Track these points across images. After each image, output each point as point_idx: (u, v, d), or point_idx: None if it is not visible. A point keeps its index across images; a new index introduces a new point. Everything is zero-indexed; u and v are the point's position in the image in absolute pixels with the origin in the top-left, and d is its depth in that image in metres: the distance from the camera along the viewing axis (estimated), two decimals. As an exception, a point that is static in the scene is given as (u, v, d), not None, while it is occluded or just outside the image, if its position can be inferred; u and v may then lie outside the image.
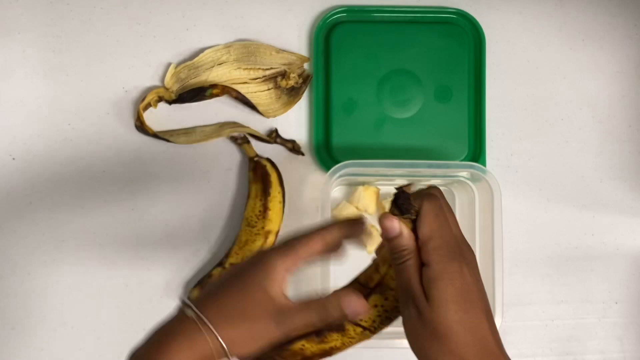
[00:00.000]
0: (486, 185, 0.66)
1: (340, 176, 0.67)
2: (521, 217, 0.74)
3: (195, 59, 0.70)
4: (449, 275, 0.42)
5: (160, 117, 0.71)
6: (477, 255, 0.68)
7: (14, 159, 0.70)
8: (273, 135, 0.71)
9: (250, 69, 0.71)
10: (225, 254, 0.70)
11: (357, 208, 0.71)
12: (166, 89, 0.70)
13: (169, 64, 0.70)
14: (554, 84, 0.75)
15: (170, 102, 0.70)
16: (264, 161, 0.70)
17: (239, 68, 0.70)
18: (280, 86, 0.71)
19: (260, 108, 0.71)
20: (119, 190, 0.71)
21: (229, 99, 0.72)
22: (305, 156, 0.73)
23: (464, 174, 0.68)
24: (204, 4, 0.72)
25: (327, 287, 0.65)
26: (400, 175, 0.69)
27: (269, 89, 0.71)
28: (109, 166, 0.71)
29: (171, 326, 0.44)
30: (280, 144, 0.72)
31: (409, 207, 0.44)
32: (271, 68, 0.71)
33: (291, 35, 0.73)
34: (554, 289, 0.74)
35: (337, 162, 0.67)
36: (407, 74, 0.73)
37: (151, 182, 0.71)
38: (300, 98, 0.73)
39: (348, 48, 0.72)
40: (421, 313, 0.42)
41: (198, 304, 0.44)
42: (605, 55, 0.76)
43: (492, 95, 0.74)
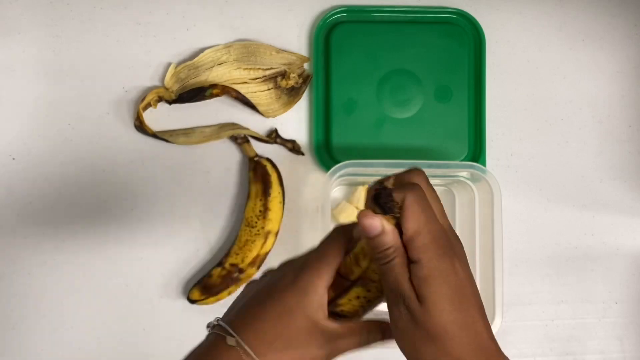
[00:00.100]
0: (486, 185, 0.66)
1: (340, 176, 0.67)
2: (521, 217, 0.74)
3: (195, 59, 0.70)
4: (441, 273, 0.39)
5: (160, 117, 0.71)
6: (477, 255, 0.68)
7: (14, 159, 0.70)
8: (273, 135, 0.71)
9: (250, 69, 0.71)
10: (225, 254, 0.70)
11: (357, 208, 0.71)
12: (166, 89, 0.70)
13: (169, 64, 0.70)
14: (554, 84, 0.75)
15: (170, 102, 0.70)
16: (264, 161, 0.70)
17: (239, 68, 0.70)
18: (280, 86, 0.71)
19: (260, 108, 0.71)
20: (119, 190, 0.71)
21: (229, 99, 0.72)
22: (305, 156, 0.73)
23: (464, 174, 0.68)
24: (204, 4, 0.72)
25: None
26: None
27: (269, 89, 0.71)
28: (109, 166, 0.71)
29: (208, 353, 0.42)
30: (280, 144, 0.72)
31: (392, 206, 0.40)
32: (271, 68, 0.71)
33: (291, 35, 0.73)
34: (554, 289, 0.74)
35: (337, 162, 0.67)
36: (407, 74, 0.73)
37: (151, 182, 0.71)
38: (300, 98, 0.73)
39: (348, 48, 0.72)
40: (413, 314, 0.40)
41: (235, 328, 0.42)
42: (605, 55, 0.76)
43: (492, 95, 0.74)
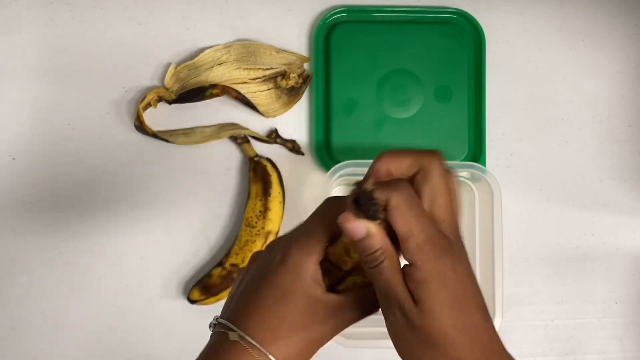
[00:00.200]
0: (486, 185, 0.66)
1: (340, 176, 0.67)
2: (521, 217, 0.74)
3: (195, 59, 0.70)
4: (438, 275, 0.36)
5: (160, 117, 0.71)
6: (477, 255, 0.68)
7: (14, 159, 0.70)
8: (273, 136, 0.71)
9: (250, 69, 0.71)
10: (225, 254, 0.70)
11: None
12: (166, 89, 0.70)
13: (169, 64, 0.70)
14: (554, 84, 0.75)
15: (170, 102, 0.70)
16: (264, 161, 0.70)
17: (239, 68, 0.70)
18: (280, 86, 0.71)
19: (260, 108, 0.71)
20: (119, 190, 0.71)
21: (229, 99, 0.72)
22: (305, 156, 0.73)
23: (464, 174, 0.68)
24: (204, 4, 0.72)
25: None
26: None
27: (269, 89, 0.71)
28: (109, 166, 0.71)
29: (214, 353, 0.40)
30: (280, 144, 0.72)
31: (376, 210, 0.36)
32: (271, 68, 0.71)
33: (291, 35, 0.73)
34: (554, 289, 0.74)
35: (337, 162, 0.67)
36: (407, 74, 0.73)
37: (151, 182, 0.71)
38: (300, 98, 0.73)
39: (348, 48, 0.72)
40: (409, 319, 0.37)
41: (236, 322, 0.40)
42: (605, 55, 0.76)
43: (492, 95, 0.74)
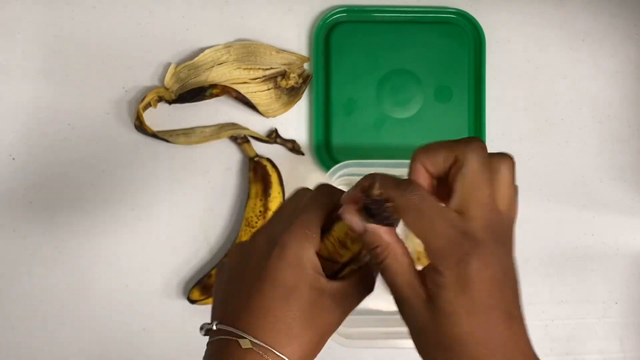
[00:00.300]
0: (486, 185, 0.66)
1: (340, 176, 0.67)
2: (521, 217, 0.73)
3: (195, 59, 0.70)
4: (460, 281, 0.34)
5: (160, 117, 0.71)
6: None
7: (14, 159, 0.70)
8: (273, 136, 0.71)
9: (250, 69, 0.71)
10: (225, 254, 0.70)
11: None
12: (166, 89, 0.70)
13: (169, 64, 0.70)
14: (554, 84, 0.75)
15: (170, 102, 0.70)
16: (264, 161, 0.70)
17: (239, 68, 0.70)
18: (280, 86, 0.71)
19: (260, 108, 0.71)
20: (119, 190, 0.71)
21: (229, 99, 0.72)
22: (305, 156, 0.73)
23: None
24: (204, 4, 0.72)
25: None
26: (401, 176, 0.69)
27: (269, 89, 0.71)
28: (109, 166, 0.71)
29: None
30: (280, 144, 0.72)
31: (387, 217, 0.35)
32: (271, 68, 0.71)
33: (291, 35, 0.73)
34: (554, 289, 0.74)
35: (337, 162, 0.67)
36: (407, 74, 0.73)
37: (151, 182, 0.71)
38: (300, 98, 0.73)
39: (348, 48, 0.72)
40: (422, 321, 0.35)
41: (243, 327, 0.37)
42: (605, 55, 0.76)
43: (492, 95, 0.74)
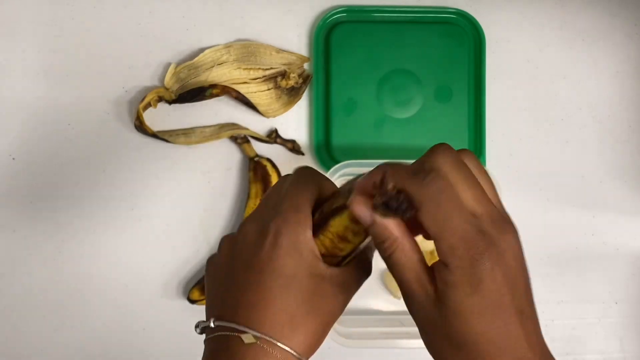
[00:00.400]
0: (486, 185, 0.66)
1: (340, 176, 0.67)
2: (521, 217, 0.73)
3: (195, 59, 0.70)
4: (472, 280, 0.33)
5: (160, 117, 0.71)
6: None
7: (14, 159, 0.70)
8: (273, 136, 0.71)
9: (250, 69, 0.71)
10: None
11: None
12: (166, 89, 0.70)
13: (169, 64, 0.70)
14: (554, 84, 0.75)
15: (170, 102, 0.70)
16: (264, 161, 0.70)
17: (239, 68, 0.70)
18: (280, 86, 0.71)
19: (260, 108, 0.71)
20: (119, 190, 0.71)
21: (229, 99, 0.72)
22: (305, 156, 0.73)
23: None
24: (204, 4, 0.72)
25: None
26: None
27: (269, 89, 0.71)
28: (109, 166, 0.71)
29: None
30: (280, 144, 0.72)
31: (407, 208, 0.34)
32: (271, 68, 0.71)
33: (291, 35, 0.73)
34: (554, 289, 0.74)
35: (337, 162, 0.67)
36: (407, 74, 0.73)
37: (151, 182, 0.71)
38: (300, 98, 0.73)
39: (348, 48, 0.72)
40: (430, 317, 0.35)
41: (244, 322, 0.37)
42: (605, 55, 0.76)
43: (492, 95, 0.74)
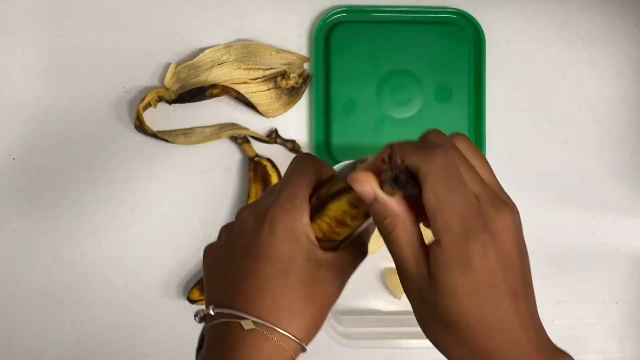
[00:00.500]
0: (486, 186, 0.66)
1: (340, 176, 0.67)
2: (521, 217, 0.74)
3: (195, 59, 0.70)
4: (464, 260, 0.33)
5: (160, 117, 0.71)
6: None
7: (14, 159, 0.70)
8: (273, 136, 0.71)
9: (250, 69, 0.71)
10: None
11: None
12: (166, 89, 0.70)
13: (169, 64, 0.70)
14: (554, 84, 0.75)
15: (170, 102, 0.70)
16: (264, 161, 0.70)
17: (239, 68, 0.70)
18: (280, 86, 0.71)
19: (260, 108, 0.71)
20: (119, 190, 0.71)
21: (229, 99, 0.72)
22: (305, 156, 0.72)
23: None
24: (204, 4, 0.72)
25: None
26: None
27: (269, 89, 0.71)
28: (109, 166, 0.71)
29: (230, 349, 0.37)
30: (280, 144, 0.72)
31: (415, 183, 0.34)
32: (271, 68, 0.71)
33: (291, 35, 0.73)
34: (554, 289, 0.74)
35: (337, 162, 0.67)
36: (407, 74, 0.73)
37: (151, 182, 0.71)
38: (300, 98, 0.73)
39: (348, 48, 0.72)
40: (422, 296, 0.34)
41: (244, 308, 0.37)
42: (605, 55, 0.76)
43: (492, 95, 0.74)
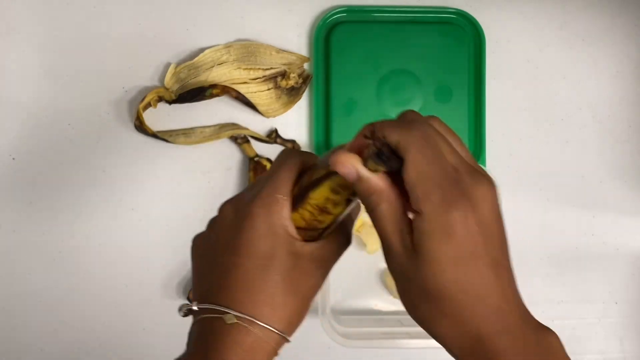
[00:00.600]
0: (486, 186, 0.66)
1: (340, 176, 0.67)
2: (521, 217, 0.74)
3: (195, 59, 0.70)
4: (445, 227, 0.33)
5: (160, 117, 0.71)
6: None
7: (14, 159, 0.70)
8: (273, 136, 0.71)
9: (250, 69, 0.70)
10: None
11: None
12: (166, 89, 0.70)
13: (169, 64, 0.70)
14: (554, 84, 0.75)
15: (170, 102, 0.70)
16: (264, 161, 0.70)
17: (239, 68, 0.70)
18: (280, 86, 0.71)
19: (260, 108, 0.71)
20: (119, 190, 0.71)
21: (229, 99, 0.72)
22: (305, 156, 0.72)
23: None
24: (204, 4, 0.72)
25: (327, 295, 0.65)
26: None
27: (269, 89, 0.71)
28: (109, 166, 0.71)
29: (214, 342, 0.37)
30: (280, 144, 0.72)
31: (396, 159, 0.35)
32: (271, 68, 0.71)
33: (291, 35, 0.73)
34: (554, 289, 0.74)
35: (337, 162, 0.67)
36: (407, 74, 0.73)
37: (151, 182, 0.71)
38: (300, 98, 0.73)
39: (348, 48, 0.72)
40: (406, 270, 0.35)
41: (226, 303, 0.38)
42: (605, 55, 0.76)
43: (492, 95, 0.74)
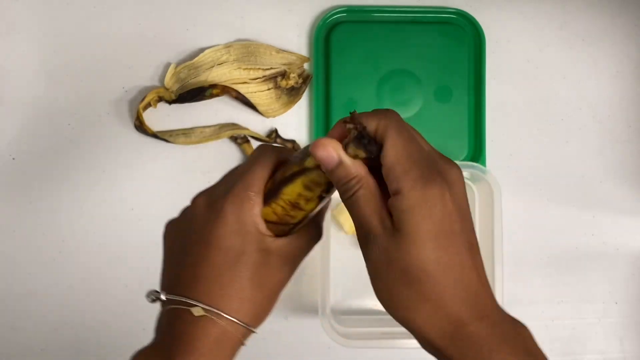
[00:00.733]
0: (486, 186, 0.66)
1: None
2: (521, 217, 0.74)
3: (195, 59, 0.70)
4: (425, 203, 0.33)
5: (160, 117, 0.71)
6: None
7: (14, 159, 0.70)
8: (273, 136, 0.71)
9: (250, 69, 0.70)
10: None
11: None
12: (166, 89, 0.70)
13: (169, 64, 0.70)
14: (554, 84, 0.75)
15: (170, 102, 0.70)
16: (264, 161, 0.70)
17: (239, 68, 0.70)
18: (280, 86, 0.71)
19: (260, 108, 0.71)
20: (119, 190, 0.71)
21: (229, 99, 0.72)
22: (305, 156, 0.72)
23: (464, 174, 0.68)
24: (204, 4, 0.72)
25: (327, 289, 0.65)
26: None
27: (269, 89, 0.71)
28: (109, 166, 0.71)
29: (180, 333, 0.38)
30: (280, 144, 0.72)
31: (375, 145, 0.35)
32: (271, 68, 0.71)
33: (291, 35, 0.73)
34: (554, 289, 0.74)
35: (337, 162, 0.67)
36: (407, 74, 0.73)
37: (151, 182, 0.71)
38: (300, 98, 0.73)
39: (348, 48, 0.72)
40: (385, 252, 0.34)
41: (194, 295, 0.39)
42: (605, 55, 0.76)
43: (492, 95, 0.74)
